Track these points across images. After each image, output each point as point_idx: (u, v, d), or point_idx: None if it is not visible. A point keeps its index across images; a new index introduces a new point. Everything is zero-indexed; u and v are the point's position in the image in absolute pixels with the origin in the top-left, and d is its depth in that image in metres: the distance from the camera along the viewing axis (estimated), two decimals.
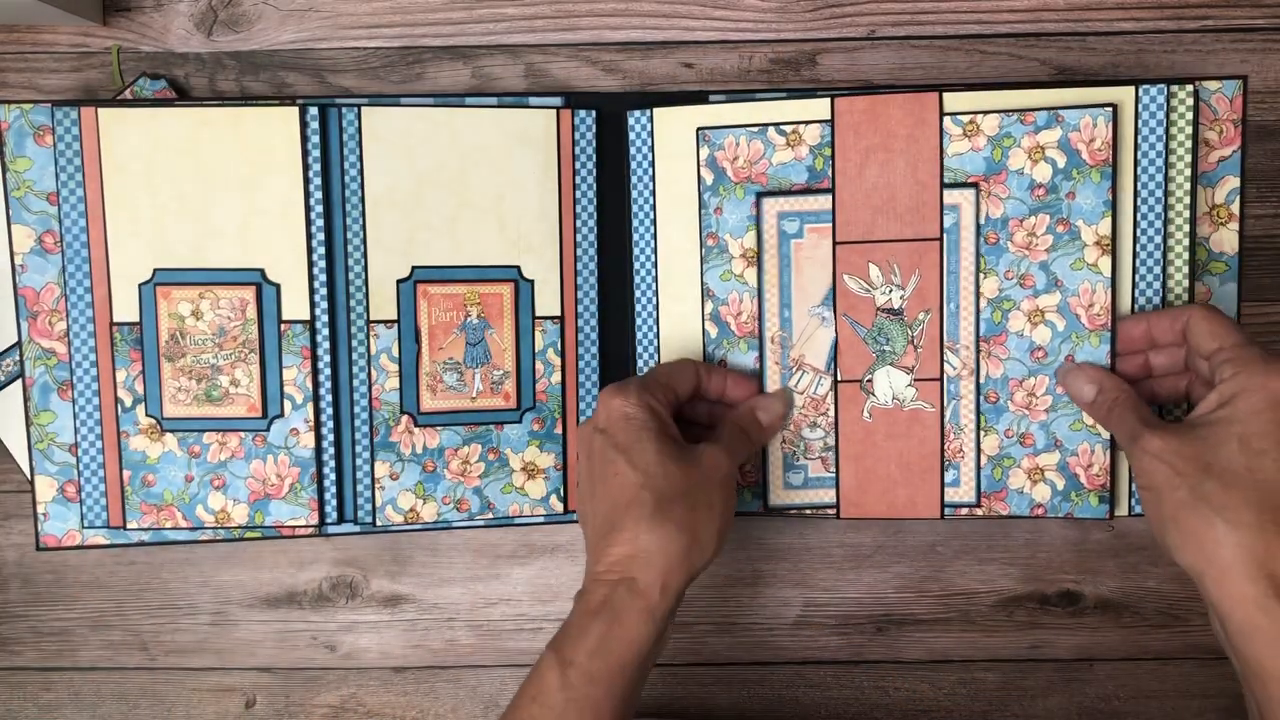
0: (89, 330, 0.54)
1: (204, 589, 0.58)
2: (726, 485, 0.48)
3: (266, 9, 0.56)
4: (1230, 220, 0.53)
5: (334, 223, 0.54)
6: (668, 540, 0.45)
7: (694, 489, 0.46)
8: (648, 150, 0.54)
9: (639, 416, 0.47)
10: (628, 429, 0.47)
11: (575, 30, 0.56)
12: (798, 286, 0.52)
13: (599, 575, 0.46)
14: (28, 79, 0.56)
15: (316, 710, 0.58)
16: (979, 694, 0.57)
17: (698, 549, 0.46)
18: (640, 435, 0.47)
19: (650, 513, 0.45)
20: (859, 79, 0.55)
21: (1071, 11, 0.55)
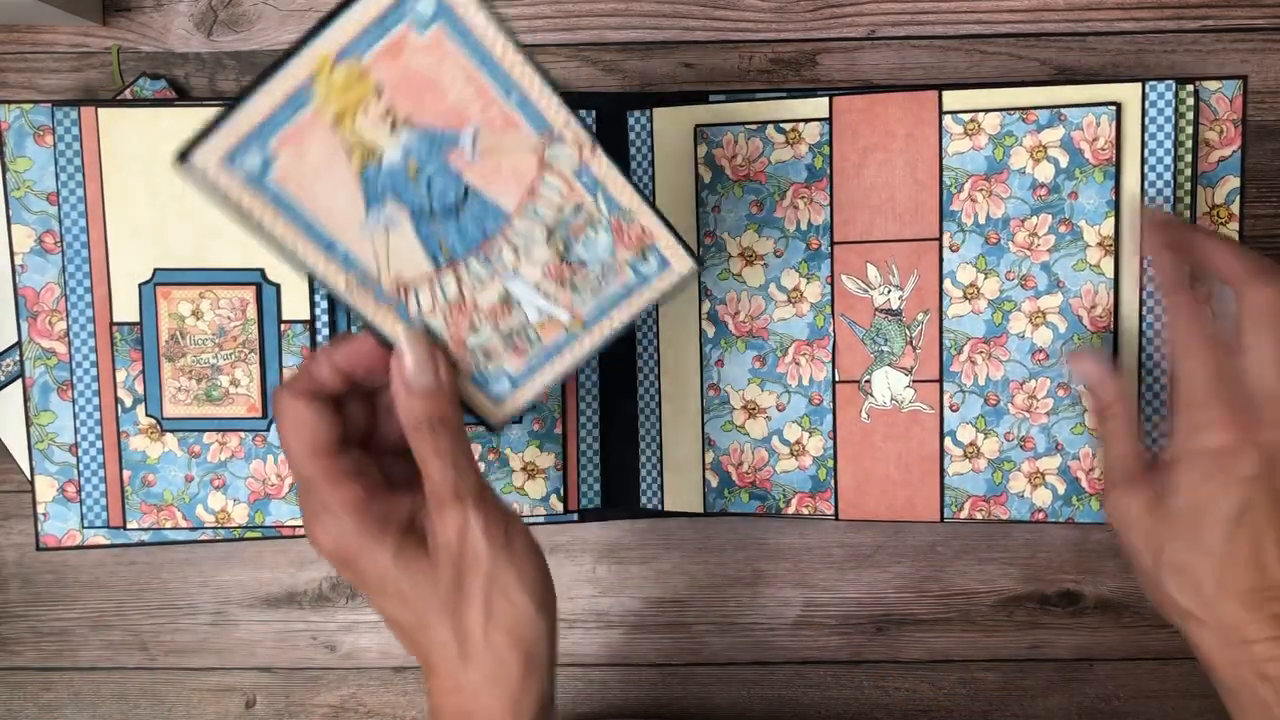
0: (89, 330, 0.54)
1: (204, 589, 0.58)
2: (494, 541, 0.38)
3: (267, 9, 0.56)
4: (1230, 220, 0.53)
5: None
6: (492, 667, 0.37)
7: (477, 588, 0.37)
8: (647, 150, 0.54)
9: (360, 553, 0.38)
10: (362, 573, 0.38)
11: (575, 30, 0.56)
12: (324, 217, 0.36)
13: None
14: (28, 79, 0.56)
15: (316, 710, 0.58)
16: (979, 694, 0.57)
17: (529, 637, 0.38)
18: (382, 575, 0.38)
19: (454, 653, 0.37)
20: (859, 79, 0.55)
21: (1072, 11, 0.55)
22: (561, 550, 0.58)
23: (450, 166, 0.37)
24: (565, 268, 0.40)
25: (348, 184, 0.36)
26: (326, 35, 0.34)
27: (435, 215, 0.37)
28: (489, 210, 0.38)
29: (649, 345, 0.55)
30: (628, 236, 0.40)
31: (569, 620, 0.58)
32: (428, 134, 0.36)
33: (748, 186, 0.53)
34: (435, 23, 0.35)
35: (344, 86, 0.34)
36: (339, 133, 0.35)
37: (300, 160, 0.35)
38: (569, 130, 0.38)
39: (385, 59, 0.35)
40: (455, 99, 0.36)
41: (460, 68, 0.36)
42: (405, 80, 0.35)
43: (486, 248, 0.39)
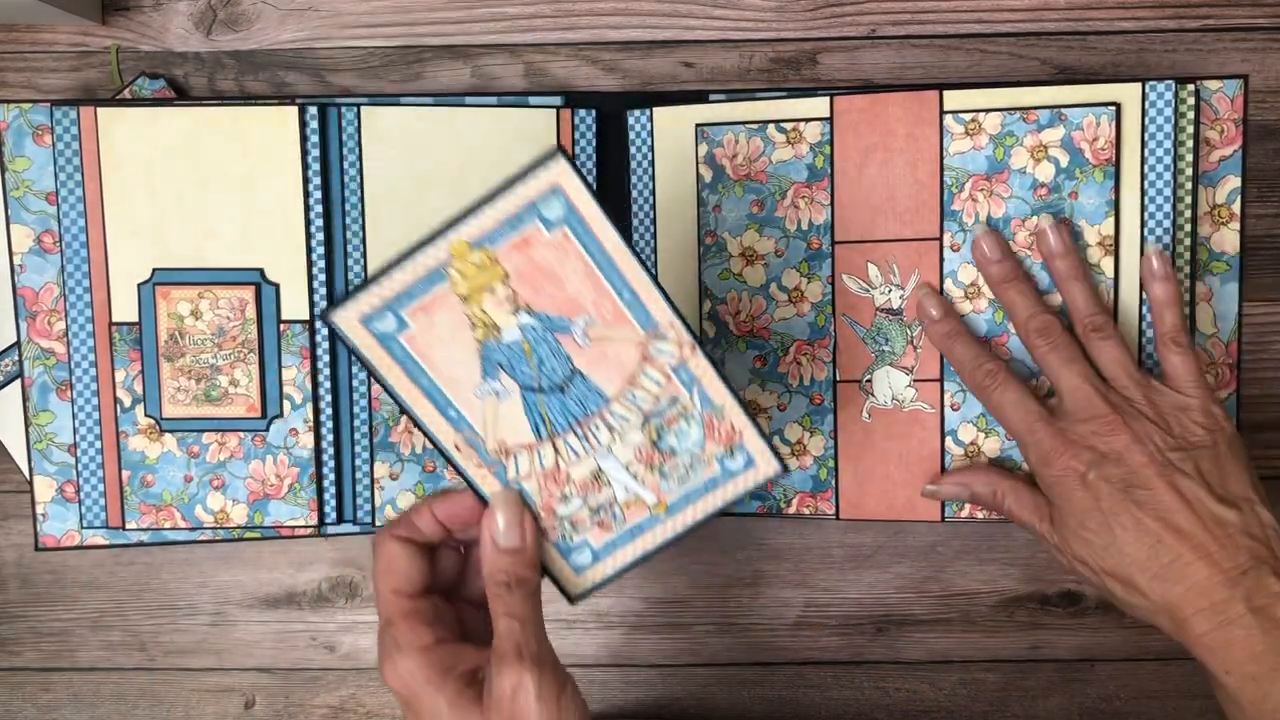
0: (88, 330, 0.54)
1: (203, 589, 0.58)
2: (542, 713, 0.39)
3: (266, 8, 0.56)
4: (1231, 220, 0.53)
5: (333, 222, 0.54)
6: None
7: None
8: (647, 149, 0.54)
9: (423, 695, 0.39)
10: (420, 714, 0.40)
11: (575, 30, 0.56)
12: (443, 380, 0.41)
13: None
14: (27, 78, 0.56)
15: (316, 710, 0.58)
16: (980, 694, 0.57)
17: None
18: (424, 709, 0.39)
19: None
20: (859, 78, 0.55)
21: (1072, 11, 0.55)
22: None
23: (561, 349, 0.41)
24: (656, 454, 0.43)
25: (468, 354, 0.41)
26: (468, 223, 0.38)
27: (542, 391, 0.42)
28: (591, 392, 0.42)
29: None
30: (718, 432, 0.43)
31: (569, 620, 0.58)
32: (545, 318, 0.40)
33: (748, 186, 0.53)
34: (562, 225, 0.39)
35: (477, 270, 0.39)
36: (467, 308, 0.40)
37: (429, 328, 0.40)
38: (673, 330, 0.41)
39: (515, 250, 0.39)
40: (572, 290, 0.40)
41: (580, 264, 0.39)
42: (530, 270, 0.39)
43: (585, 425, 0.42)
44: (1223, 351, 0.53)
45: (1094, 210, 0.51)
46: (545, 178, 0.38)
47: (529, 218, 0.38)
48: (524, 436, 0.42)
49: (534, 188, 0.38)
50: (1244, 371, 0.54)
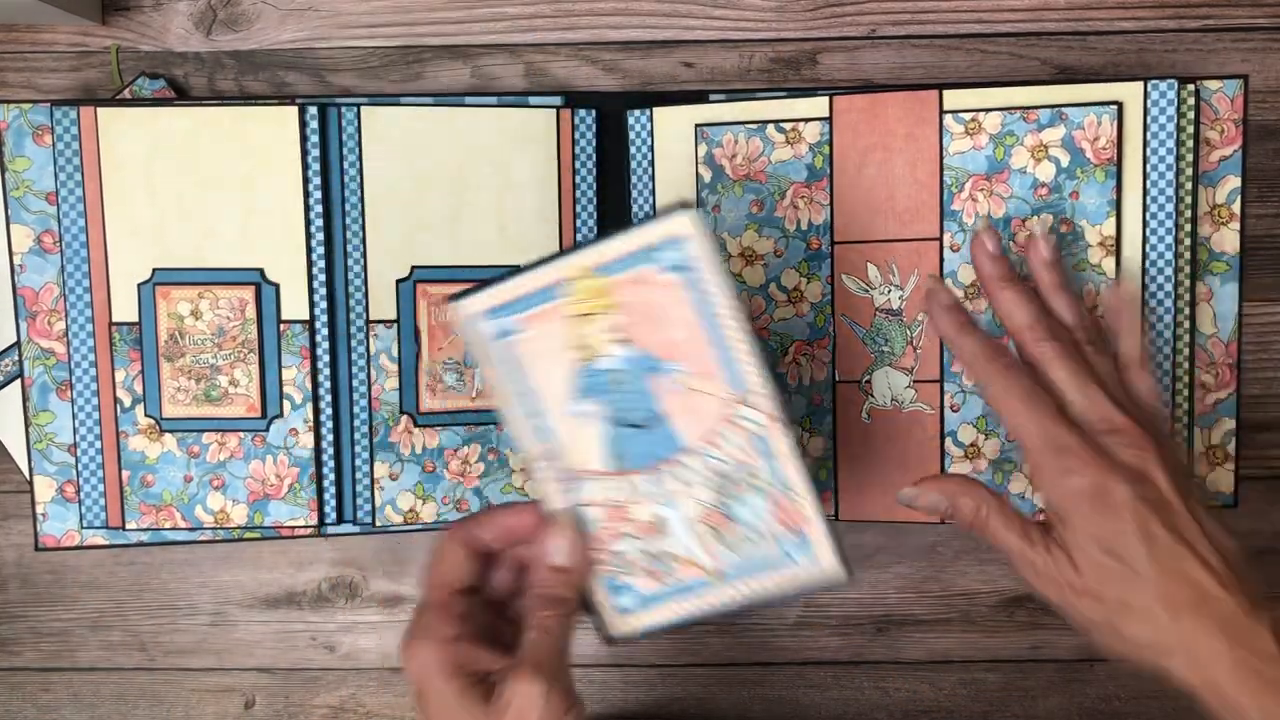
0: (88, 330, 0.54)
1: (203, 589, 0.58)
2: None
3: (266, 8, 0.56)
4: (1231, 220, 0.53)
5: (333, 222, 0.54)
6: None
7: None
8: (647, 150, 0.54)
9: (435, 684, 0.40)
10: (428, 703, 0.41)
11: (575, 30, 0.56)
12: (539, 386, 0.42)
13: None
14: (27, 78, 0.56)
15: (316, 711, 0.58)
16: (980, 694, 0.57)
17: None
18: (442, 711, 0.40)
19: None
20: (859, 78, 0.55)
21: (1072, 11, 0.54)
22: None
23: (649, 389, 0.42)
24: (720, 517, 0.42)
25: (565, 372, 0.42)
26: (595, 249, 0.40)
27: (624, 425, 0.42)
28: (669, 439, 0.42)
29: None
30: (785, 514, 0.42)
31: None
32: (642, 356, 0.41)
33: (748, 186, 0.53)
34: (678, 272, 0.40)
35: (593, 294, 0.41)
36: (574, 328, 0.41)
37: (537, 339, 0.42)
38: (762, 400, 0.41)
39: (630, 284, 0.40)
40: (673, 335, 0.41)
41: (686, 312, 0.40)
42: (639, 306, 0.41)
43: (656, 470, 0.42)
44: (1223, 351, 0.53)
45: (1095, 210, 0.51)
46: (673, 226, 0.39)
47: (649, 258, 0.40)
48: (598, 464, 0.43)
49: (661, 231, 0.39)
50: (1244, 371, 0.54)
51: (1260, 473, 0.55)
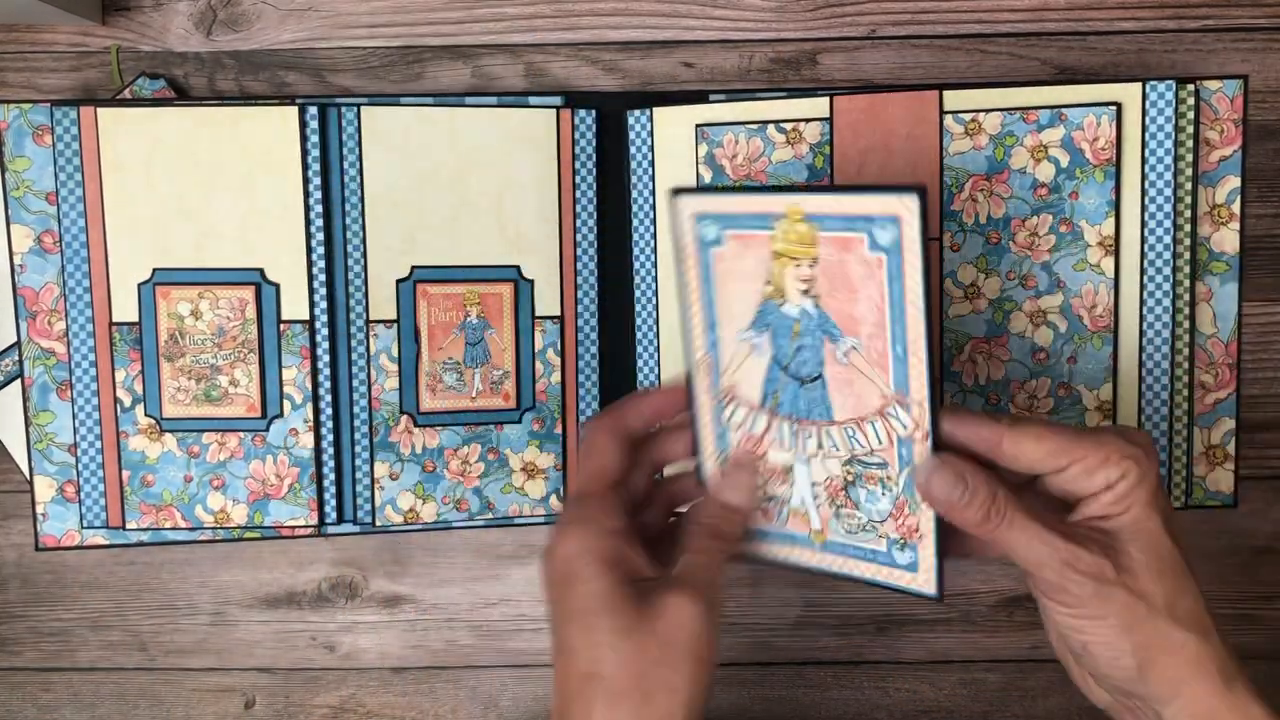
0: (88, 330, 0.54)
1: (203, 589, 0.58)
2: (694, 649, 0.39)
3: (266, 8, 0.56)
4: (1231, 220, 0.53)
5: (333, 222, 0.54)
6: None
7: (649, 671, 0.38)
8: (647, 150, 0.54)
9: (586, 573, 0.39)
10: (573, 592, 0.40)
11: (575, 30, 0.56)
12: (722, 305, 0.42)
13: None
14: (27, 78, 0.56)
15: (316, 710, 0.58)
16: (979, 694, 0.57)
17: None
18: (589, 602, 0.39)
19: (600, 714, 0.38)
20: (859, 78, 0.55)
21: (1072, 11, 0.55)
22: None
23: (821, 350, 0.41)
24: (842, 494, 0.43)
25: (751, 300, 0.41)
26: (816, 197, 0.38)
27: (787, 371, 0.42)
28: (822, 404, 0.42)
29: (649, 345, 0.55)
30: (902, 520, 0.42)
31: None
32: (823, 317, 0.40)
33: (748, 186, 0.53)
34: (883, 252, 0.38)
35: (797, 239, 0.39)
36: (771, 263, 0.40)
37: (736, 257, 0.41)
38: (920, 410, 0.39)
39: (835, 245, 0.39)
40: (857, 312, 0.39)
41: (877, 295, 0.39)
42: (836, 270, 0.39)
43: (802, 424, 0.42)
44: (1223, 351, 0.53)
45: (1094, 210, 0.51)
46: (896, 205, 0.37)
47: (861, 227, 0.38)
48: (751, 396, 0.43)
49: (883, 205, 0.37)
50: (1244, 371, 0.54)
51: (1260, 473, 0.55)
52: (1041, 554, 0.38)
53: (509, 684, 0.58)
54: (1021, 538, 0.38)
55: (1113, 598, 0.38)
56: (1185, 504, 0.53)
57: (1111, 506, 0.39)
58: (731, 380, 0.43)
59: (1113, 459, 0.39)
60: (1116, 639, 0.39)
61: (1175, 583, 0.39)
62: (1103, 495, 0.39)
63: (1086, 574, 0.38)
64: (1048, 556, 0.38)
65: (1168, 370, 0.52)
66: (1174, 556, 0.39)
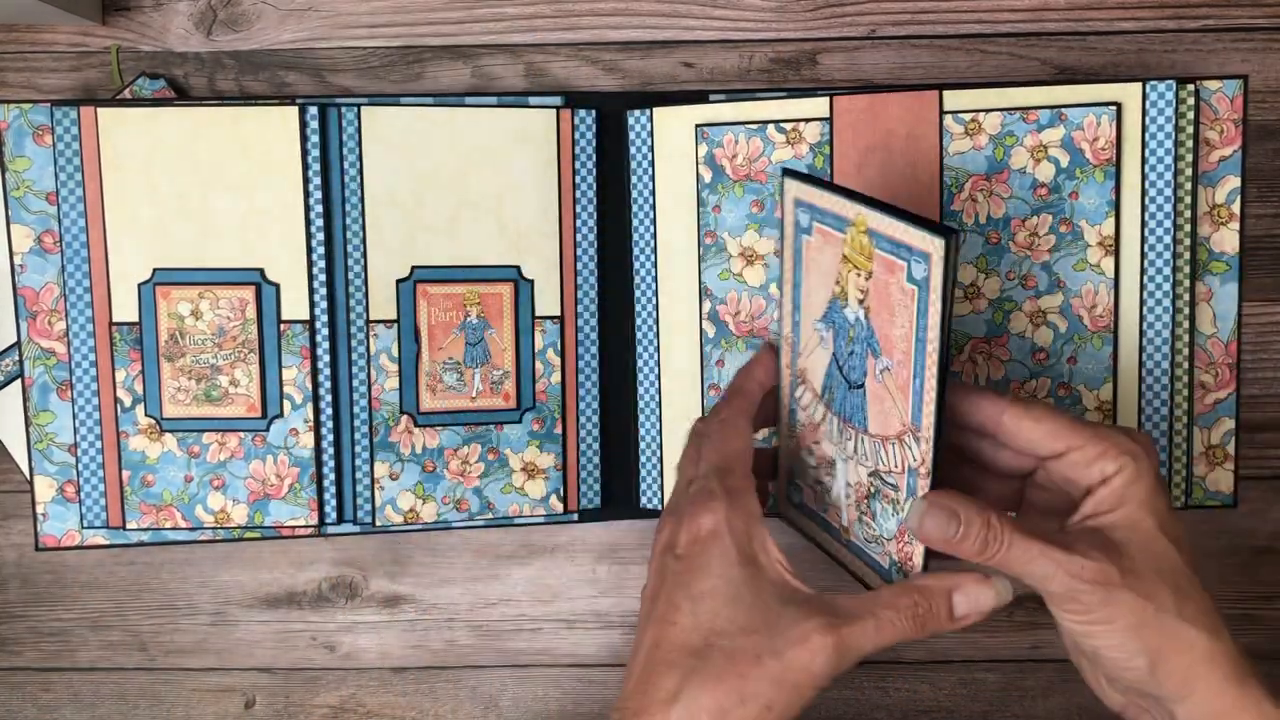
0: (88, 330, 0.54)
1: (203, 589, 0.58)
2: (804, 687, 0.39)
3: (266, 8, 0.56)
4: (1231, 220, 0.53)
5: (333, 222, 0.54)
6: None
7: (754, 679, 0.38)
8: (647, 150, 0.54)
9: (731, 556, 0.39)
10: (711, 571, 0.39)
11: (575, 30, 0.56)
12: (806, 292, 0.44)
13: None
14: (27, 78, 0.56)
15: (316, 710, 0.58)
16: (979, 694, 0.57)
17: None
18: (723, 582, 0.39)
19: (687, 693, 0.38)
20: (859, 78, 0.55)
21: (1072, 11, 0.55)
22: (561, 551, 0.58)
23: (864, 362, 0.42)
24: (865, 500, 0.44)
25: (823, 296, 0.43)
26: (877, 214, 0.39)
27: (841, 372, 0.43)
28: (861, 414, 0.42)
29: (649, 345, 0.55)
30: (901, 546, 0.42)
31: (569, 620, 0.58)
32: (870, 331, 0.41)
33: (748, 186, 0.53)
34: (916, 285, 0.38)
35: (858, 249, 0.41)
36: (840, 266, 0.42)
37: (818, 250, 0.43)
38: (924, 446, 0.39)
39: (884, 266, 0.39)
40: (892, 334, 0.40)
41: (907, 323, 0.39)
42: (881, 290, 0.40)
43: (845, 425, 0.43)
44: (1222, 351, 0.53)
45: (1094, 210, 0.51)
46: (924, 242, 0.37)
47: (905, 255, 0.38)
48: (816, 384, 0.45)
49: (919, 239, 0.37)
50: (1244, 371, 0.54)
51: (1259, 473, 0.55)
52: (1046, 569, 0.38)
53: (509, 684, 0.58)
54: (1024, 557, 0.38)
55: (1120, 601, 0.38)
56: (1185, 504, 0.53)
57: (1106, 502, 0.39)
58: (804, 364, 0.45)
59: (1110, 453, 0.39)
60: (1127, 641, 0.39)
61: (1180, 582, 0.39)
62: (1099, 490, 0.39)
63: (1093, 582, 0.38)
64: (1052, 570, 0.38)
65: (1168, 370, 0.52)
66: (1172, 556, 0.39)
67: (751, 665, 0.38)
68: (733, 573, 0.39)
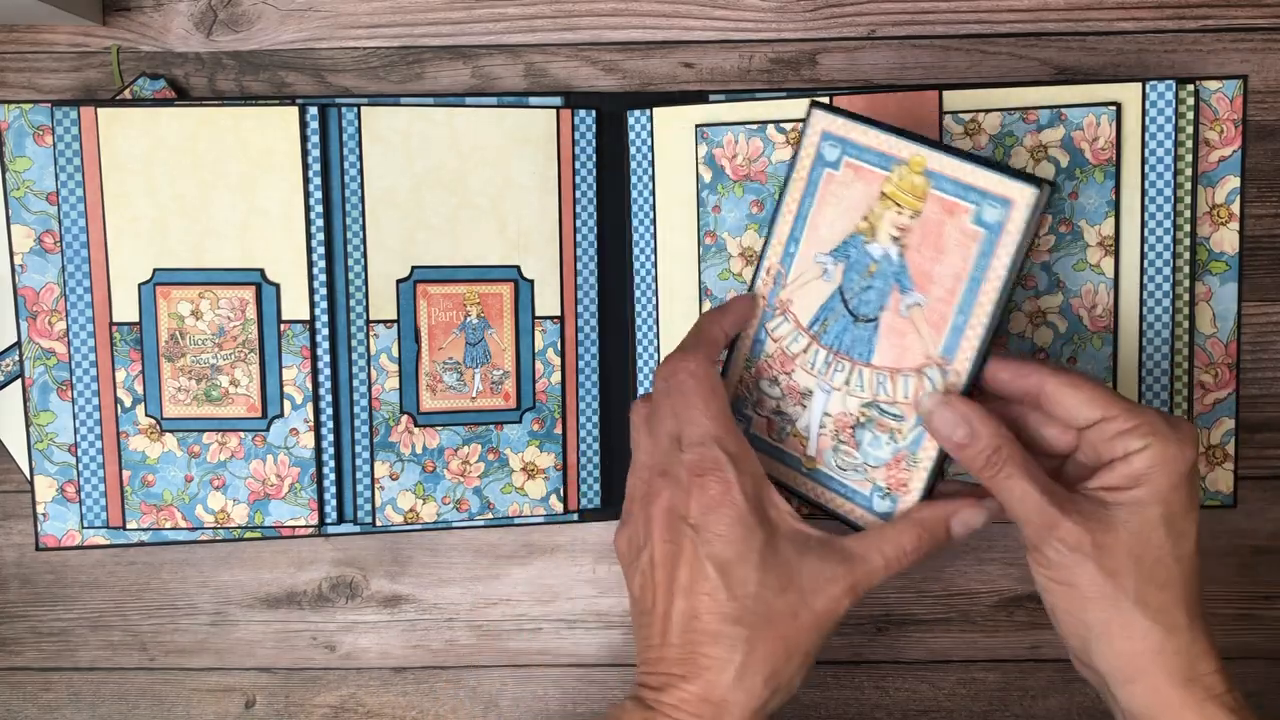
0: (89, 330, 0.54)
1: (204, 589, 0.58)
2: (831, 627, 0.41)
3: (266, 9, 0.56)
4: (1230, 220, 0.53)
5: (334, 223, 0.54)
6: (752, 696, 0.40)
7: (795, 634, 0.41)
8: (647, 150, 0.54)
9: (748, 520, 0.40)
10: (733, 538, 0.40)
11: (575, 30, 0.56)
12: (813, 224, 0.44)
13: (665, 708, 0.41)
14: (27, 79, 0.56)
15: (316, 710, 0.58)
16: (979, 694, 0.57)
17: (778, 698, 0.42)
18: (747, 548, 0.40)
19: (741, 660, 0.40)
20: (859, 79, 0.55)
21: (1072, 11, 0.55)
22: (561, 551, 0.58)
23: (887, 297, 0.42)
24: (848, 430, 0.44)
25: (842, 228, 0.43)
26: (943, 156, 0.40)
27: (847, 306, 0.43)
28: (865, 346, 0.43)
29: (649, 345, 0.55)
30: (895, 474, 0.43)
31: (569, 620, 0.58)
32: (901, 266, 0.42)
33: (748, 186, 0.53)
34: (984, 227, 0.39)
35: (907, 188, 0.41)
36: (874, 202, 0.42)
37: (844, 184, 0.43)
38: (956, 379, 0.41)
39: (941, 205, 0.40)
40: (935, 272, 0.41)
41: (961, 263, 0.40)
42: (932, 229, 0.41)
43: (838, 357, 0.44)
44: (1222, 351, 0.53)
45: (1094, 210, 0.51)
46: (1015, 191, 0.39)
47: (975, 199, 0.39)
48: (803, 316, 0.44)
49: (1004, 187, 0.39)
50: (1244, 371, 0.54)
51: (1259, 472, 0.55)
52: (1028, 513, 0.39)
53: (509, 684, 0.58)
54: (1014, 492, 0.39)
55: (1082, 569, 0.39)
56: None
57: (1122, 479, 0.39)
58: (790, 295, 0.45)
59: (1140, 430, 0.39)
60: (1078, 609, 0.40)
61: (1157, 573, 0.39)
62: (1118, 465, 0.39)
63: (1063, 541, 0.39)
64: (1034, 515, 0.39)
65: (1167, 370, 0.52)
66: (1163, 548, 0.39)
67: (789, 622, 0.40)
68: (753, 538, 0.40)
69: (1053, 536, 0.39)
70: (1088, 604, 0.40)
